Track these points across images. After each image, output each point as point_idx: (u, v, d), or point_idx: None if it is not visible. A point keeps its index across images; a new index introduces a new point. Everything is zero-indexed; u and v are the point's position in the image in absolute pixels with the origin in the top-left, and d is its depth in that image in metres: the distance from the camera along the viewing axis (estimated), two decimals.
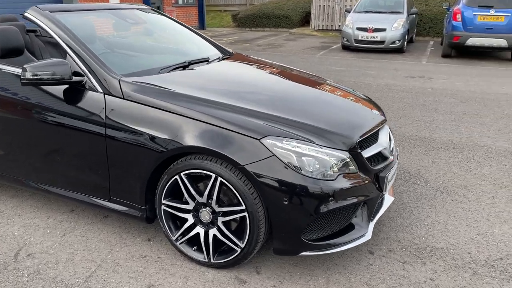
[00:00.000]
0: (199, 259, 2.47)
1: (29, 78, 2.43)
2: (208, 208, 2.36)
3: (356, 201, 2.33)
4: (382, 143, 2.66)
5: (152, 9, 3.76)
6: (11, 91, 2.79)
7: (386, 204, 2.70)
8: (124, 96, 2.48)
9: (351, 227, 2.43)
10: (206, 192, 2.33)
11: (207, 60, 3.24)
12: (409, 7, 11.91)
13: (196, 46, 3.64)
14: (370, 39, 11.13)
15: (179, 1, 16.72)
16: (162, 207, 2.48)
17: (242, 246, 2.32)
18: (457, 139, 4.69)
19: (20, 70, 2.76)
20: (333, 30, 15.70)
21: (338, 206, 2.25)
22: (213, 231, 2.39)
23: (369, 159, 2.48)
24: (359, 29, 11.24)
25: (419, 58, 10.46)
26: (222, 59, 3.41)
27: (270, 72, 3.30)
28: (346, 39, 11.55)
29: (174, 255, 2.59)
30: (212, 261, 2.43)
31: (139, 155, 2.42)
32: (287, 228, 2.24)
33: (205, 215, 2.38)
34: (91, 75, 2.56)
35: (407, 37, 11.36)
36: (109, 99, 2.51)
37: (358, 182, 2.34)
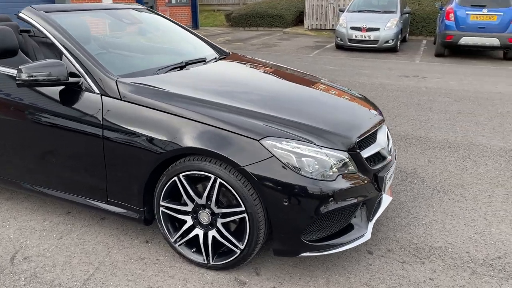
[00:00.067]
0: (198, 261, 2.45)
1: (24, 79, 2.40)
2: (207, 209, 2.34)
3: (356, 201, 2.32)
4: (381, 143, 2.66)
5: (147, 9, 3.73)
6: (5, 92, 2.75)
7: (384, 204, 2.70)
8: (122, 97, 2.46)
9: (351, 227, 2.42)
10: (205, 194, 2.31)
11: (204, 60, 3.22)
12: (402, 6, 11.96)
13: (192, 46, 3.62)
14: (363, 38, 11.17)
15: (172, 0, 16.64)
16: (161, 209, 2.46)
17: (241, 247, 2.31)
18: (452, 138, 4.71)
19: (14, 71, 2.72)
20: (326, 30, 15.73)
21: (338, 207, 2.25)
22: (212, 232, 2.38)
23: (368, 159, 2.48)
24: (353, 28, 11.27)
25: (412, 57, 10.51)
26: (219, 59, 3.39)
27: (267, 72, 3.28)
28: (340, 39, 11.57)
29: (172, 257, 2.58)
30: (211, 262, 2.41)
31: (137, 157, 2.40)
32: (287, 229, 2.23)
33: (204, 217, 2.36)
34: (88, 76, 2.54)
35: (400, 36, 11.41)
36: (106, 100, 2.48)
37: (358, 183, 2.33)
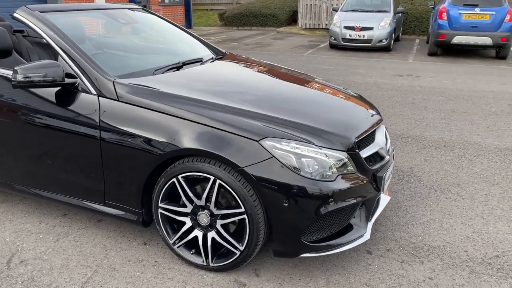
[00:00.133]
0: (198, 262, 2.44)
1: (20, 80, 2.36)
2: (206, 211, 2.33)
3: (355, 201, 2.32)
4: (379, 142, 2.66)
5: (143, 8, 3.70)
6: None
7: (382, 203, 2.70)
8: (119, 98, 2.43)
9: (350, 227, 2.42)
10: (205, 195, 2.29)
11: (200, 61, 3.20)
12: (395, 5, 12.01)
13: (188, 46, 3.60)
14: (357, 37, 11.20)
15: (166, 0, 16.57)
16: (159, 210, 2.44)
17: (241, 248, 2.30)
18: (447, 137, 4.73)
19: (8, 72, 2.69)
20: (320, 29, 15.75)
21: (338, 207, 2.24)
22: (211, 234, 2.36)
23: (366, 159, 2.47)
24: (346, 27, 11.30)
25: (406, 57, 10.56)
26: (216, 59, 3.37)
27: (265, 72, 3.28)
28: (333, 38, 11.60)
29: (171, 258, 2.56)
30: (210, 264, 2.40)
31: (135, 158, 2.38)
32: (287, 230, 2.22)
33: (203, 218, 2.35)
34: (84, 77, 2.51)
35: (393, 35, 11.45)
36: (103, 101, 2.46)
37: (357, 183, 2.33)
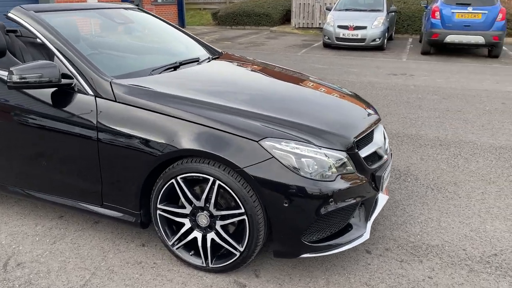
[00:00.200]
0: (197, 264, 2.42)
1: (16, 81, 2.33)
2: (205, 212, 2.32)
3: (355, 201, 2.32)
4: (378, 142, 2.66)
5: (138, 8, 3.67)
6: None
7: (381, 203, 2.70)
8: (116, 98, 2.41)
9: (349, 227, 2.42)
10: (204, 196, 2.28)
11: (197, 60, 3.18)
12: (388, 5, 12.05)
13: (185, 46, 3.58)
14: (351, 37, 11.22)
15: None
16: (158, 212, 2.42)
17: (241, 249, 2.28)
18: (443, 136, 4.75)
19: (3, 73, 2.65)
20: (313, 28, 15.76)
21: (338, 207, 2.24)
22: (211, 235, 2.35)
23: (365, 158, 2.47)
24: (340, 27, 11.32)
25: (399, 56, 10.60)
26: (212, 59, 3.36)
27: (262, 72, 3.26)
28: (327, 37, 11.61)
29: (170, 260, 2.54)
30: (210, 265, 2.39)
31: (134, 159, 2.35)
32: (287, 230, 2.22)
33: (202, 219, 2.33)
34: (81, 77, 2.48)
35: (387, 34, 11.49)
36: (100, 102, 2.43)
37: (356, 182, 2.33)
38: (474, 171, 3.83)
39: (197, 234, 2.38)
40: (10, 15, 2.68)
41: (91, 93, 2.46)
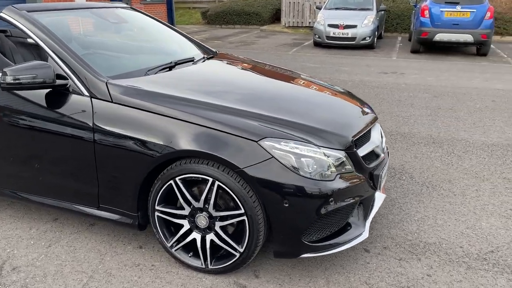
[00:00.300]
0: (196, 265, 2.40)
1: (9, 82, 2.29)
2: (204, 213, 2.30)
3: (354, 200, 2.32)
4: (375, 141, 2.67)
5: (131, 7, 3.63)
6: None
7: (379, 201, 2.71)
8: (113, 99, 2.38)
9: (348, 226, 2.42)
10: (203, 197, 2.26)
11: (192, 60, 3.16)
12: (377, 3, 12.12)
13: (179, 45, 3.55)
14: (341, 35, 11.26)
15: None
16: (156, 213, 2.40)
17: (241, 250, 2.27)
18: (435, 134, 4.79)
19: None
20: (303, 27, 15.78)
21: (338, 206, 2.24)
22: (210, 236, 2.33)
23: (363, 157, 2.48)
24: (330, 26, 11.35)
25: (389, 54, 10.66)
26: (207, 58, 3.33)
27: (259, 72, 3.25)
28: (318, 36, 11.64)
29: (168, 262, 2.52)
30: (209, 267, 2.37)
31: (131, 161, 2.33)
32: (287, 231, 2.21)
33: (201, 220, 2.32)
34: (76, 78, 2.44)
35: (376, 33, 11.55)
36: (96, 102, 2.40)
37: (355, 182, 2.33)
38: (467, 168, 3.87)
39: (196, 236, 2.36)
40: (2, 15, 2.63)
41: (87, 93, 2.42)
